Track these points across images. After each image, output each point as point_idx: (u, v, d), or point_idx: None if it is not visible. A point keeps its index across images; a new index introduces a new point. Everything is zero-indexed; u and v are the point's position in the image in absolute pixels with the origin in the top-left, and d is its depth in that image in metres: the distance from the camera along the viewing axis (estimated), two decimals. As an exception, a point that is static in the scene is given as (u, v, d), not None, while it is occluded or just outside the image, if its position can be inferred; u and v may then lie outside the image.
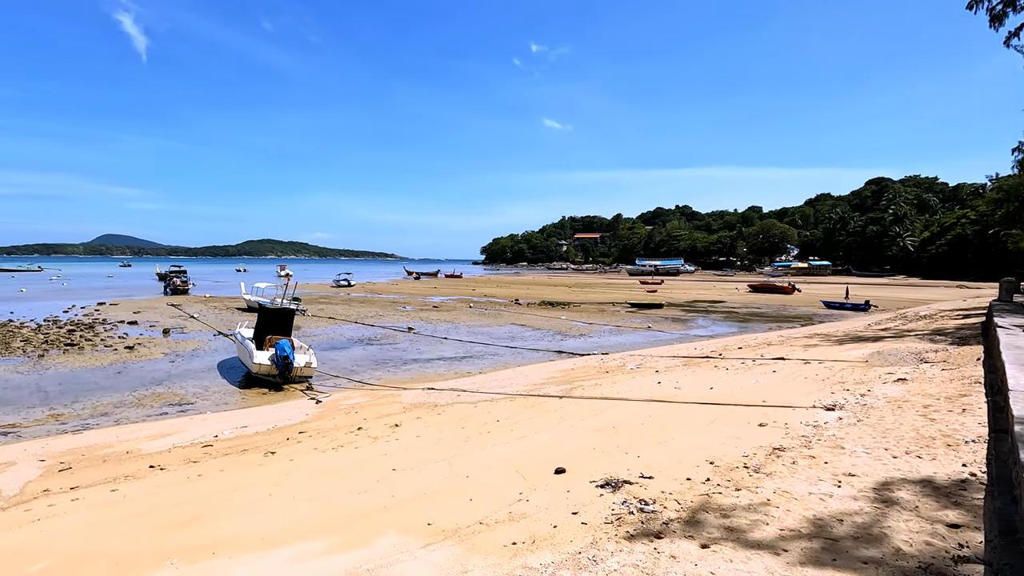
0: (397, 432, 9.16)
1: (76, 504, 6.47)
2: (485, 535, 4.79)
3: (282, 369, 14.10)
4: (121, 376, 15.50)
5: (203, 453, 8.55)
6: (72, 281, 67.72)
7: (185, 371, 16.27)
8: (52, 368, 16.33)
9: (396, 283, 72.29)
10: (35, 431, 10.69)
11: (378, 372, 16.33)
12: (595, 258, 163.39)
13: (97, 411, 12.13)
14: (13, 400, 12.85)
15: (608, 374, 14.01)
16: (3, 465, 8.28)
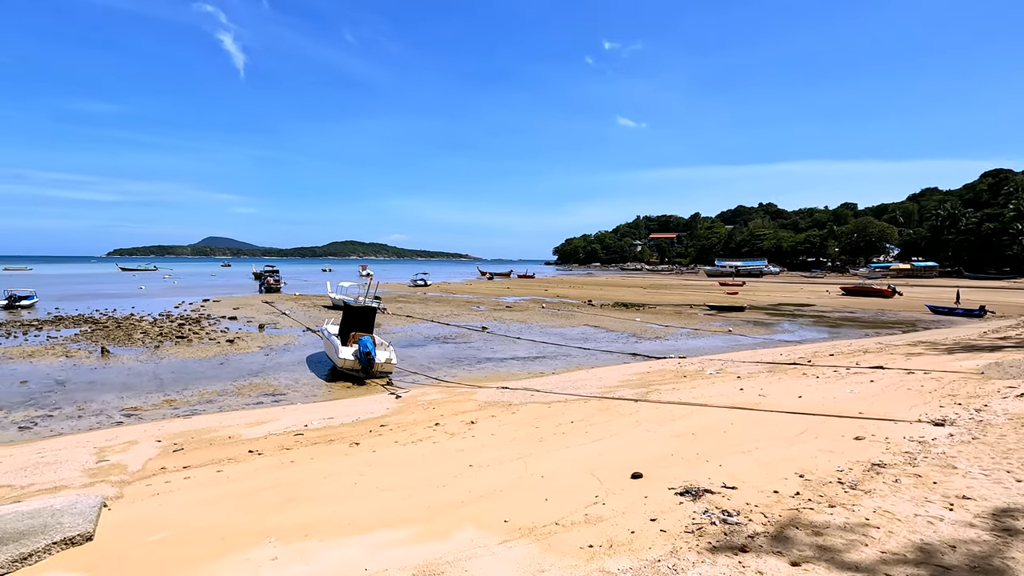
0: (473, 429, 9.36)
1: (188, 482, 7.13)
2: (561, 536, 4.79)
3: (364, 364, 14.79)
4: (223, 367, 16.89)
5: (295, 441, 9.15)
6: (181, 279, 74.66)
7: (278, 364, 17.46)
8: (166, 358, 18.08)
9: (470, 283, 73.74)
10: (153, 414, 11.88)
11: (453, 370, 16.74)
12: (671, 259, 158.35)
13: (203, 398, 13.29)
14: (135, 386, 14.35)
15: (686, 379, 13.56)
16: (128, 443, 9.28)
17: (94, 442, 9.51)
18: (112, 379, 15.08)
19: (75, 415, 11.78)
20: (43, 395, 13.29)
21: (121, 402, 12.79)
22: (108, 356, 18.12)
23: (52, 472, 7.82)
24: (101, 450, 8.90)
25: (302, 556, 4.70)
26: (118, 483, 7.20)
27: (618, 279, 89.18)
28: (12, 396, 13.15)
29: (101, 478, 7.46)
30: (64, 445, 9.39)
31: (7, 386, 14.06)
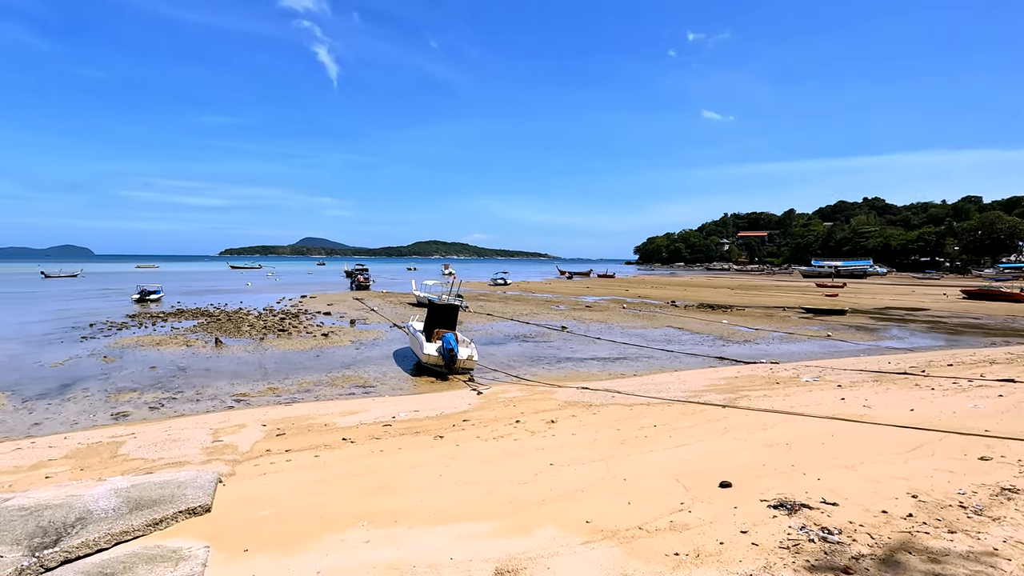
0: (553, 428, 9.38)
1: (289, 464, 7.71)
2: (645, 541, 4.70)
3: (447, 360, 15.25)
4: (319, 359, 18.07)
5: (384, 431, 9.61)
6: (282, 277, 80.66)
7: (367, 358, 18.41)
8: (269, 349, 19.62)
9: (549, 282, 73.80)
10: (258, 400, 12.94)
11: (533, 368, 16.85)
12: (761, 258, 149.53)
13: (302, 388, 14.29)
14: (243, 374, 15.71)
15: (779, 385, 12.79)
16: (238, 426, 10.17)
17: (210, 424, 10.51)
18: (224, 367, 16.59)
19: (194, 398, 13.08)
20: (168, 379, 14.88)
21: (232, 388, 14.04)
22: (221, 346, 19.95)
23: (177, 449, 8.74)
24: (216, 431, 9.83)
25: (392, 541, 4.94)
26: (231, 462, 7.91)
27: (703, 279, 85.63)
28: (144, 379, 14.84)
29: (216, 456, 8.24)
30: (186, 425, 10.46)
31: (140, 370, 15.88)
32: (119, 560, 4.53)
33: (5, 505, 5.66)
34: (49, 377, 15.06)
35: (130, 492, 5.98)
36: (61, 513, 5.36)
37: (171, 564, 4.42)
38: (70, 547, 4.69)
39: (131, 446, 8.97)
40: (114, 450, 8.76)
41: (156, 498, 5.82)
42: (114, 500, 5.71)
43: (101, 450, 8.78)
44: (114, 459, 8.29)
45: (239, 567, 4.54)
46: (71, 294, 45.62)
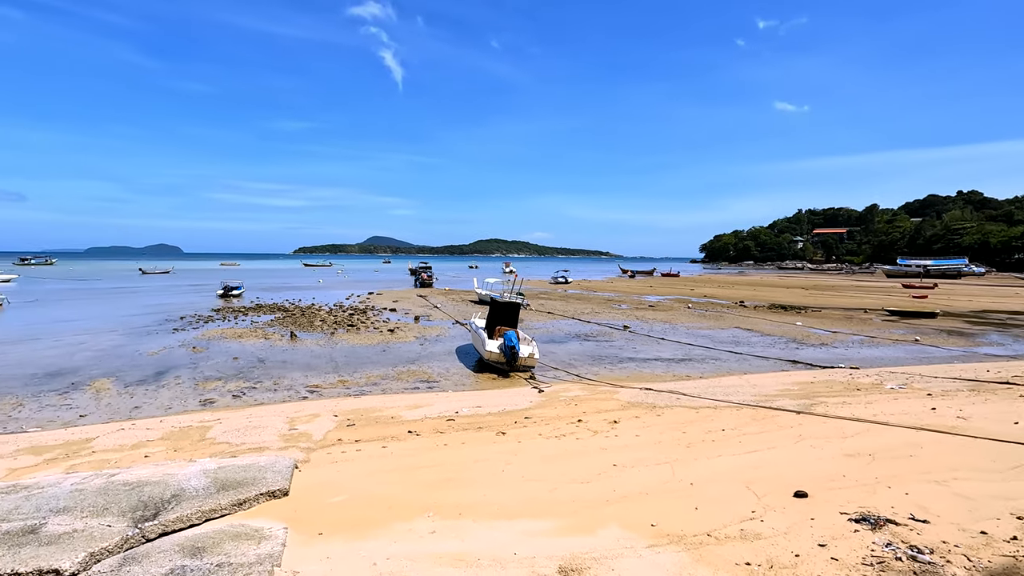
0: (616, 429, 9.25)
1: (359, 454, 8.03)
2: (714, 548, 4.55)
3: (509, 358, 15.37)
4: (385, 354, 18.70)
5: (447, 426, 9.82)
6: (350, 275, 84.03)
7: (431, 353, 18.87)
8: (339, 344, 20.50)
9: (611, 281, 72.73)
10: (330, 392, 13.56)
11: (595, 368, 16.68)
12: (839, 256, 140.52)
13: (370, 381, 14.84)
14: (316, 366, 16.50)
15: (859, 392, 12.01)
16: (312, 416, 10.71)
17: (286, 413, 11.12)
18: (298, 360, 17.50)
19: (272, 388, 13.88)
20: (249, 370, 15.87)
21: (306, 380, 14.79)
22: (295, 340, 21.05)
23: (257, 435, 9.32)
24: (292, 420, 10.39)
25: (457, 533, 5.05)
26: (305, 449, 8.34)
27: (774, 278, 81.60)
28: (227, 369, 15.90)
29: (292, 443, 8.71)
30: (265, 413, 11.12)
31: (224, 360, 17.03)
32: (208, 536, 4.89)
33: (111, 480, 6.24)
34: (146, 365, 16.45)
35: (217, 473, 6.44)
36: (159, 490, 5.84)
37: (254, 542, 4.72)
38: (167, 521, 5.11)
39: (217, 431, 9.64)
40: (203, 434, 9.46)
41: (240, 480, 6.23)
42: (204, 480, 6.17)
43: (191, 433, 9.50)
44: (203, 442, 8.94)
45: (314, 549, 4.78)
46: (164, 289, 49.59)
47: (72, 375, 15.04)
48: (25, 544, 4.52)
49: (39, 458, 8.30)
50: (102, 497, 5.64)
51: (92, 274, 78.37)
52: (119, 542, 4.64)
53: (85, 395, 13.03)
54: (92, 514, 5.18)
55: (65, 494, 5.76)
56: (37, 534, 4.74)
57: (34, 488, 6.01)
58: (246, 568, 4.10)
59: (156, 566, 4.19)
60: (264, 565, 4.16)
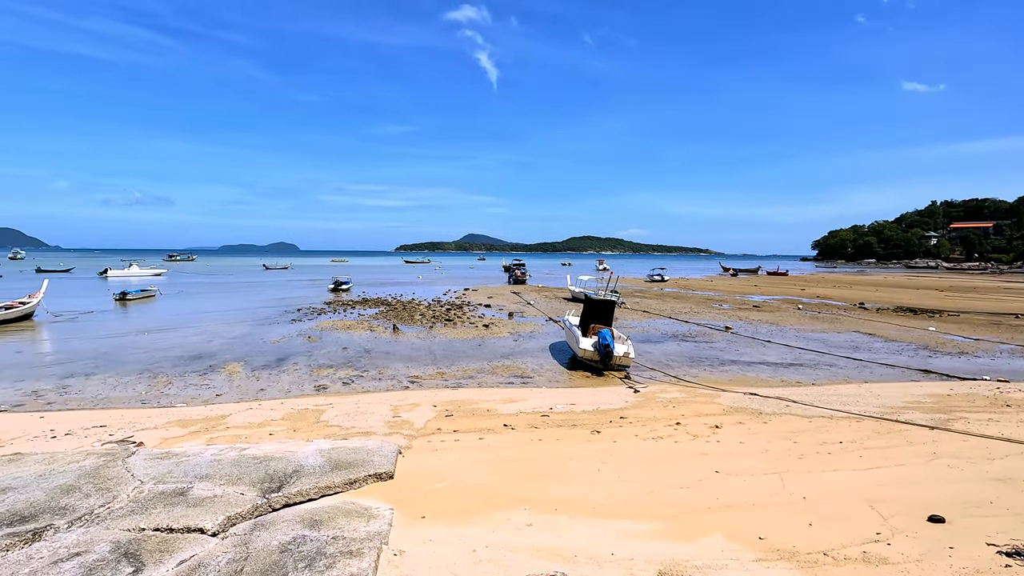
0: (718, 434, 8.82)
1: (457, 444, 8.32)
2: (831, 569, 4.20)
3: (603, 356, 15.16)
4: (481, 348, 19.18)
5: (542, 421, 9.89)
6: (448, 271, 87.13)
7: (525, 349, 19.08)
8: (437, 337, 21.34)
9: (711, 280, 69.33)
10: (429, 383, 14.16)
11: (693, 369, 16.00)
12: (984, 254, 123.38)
13: (466, 374, 15.30)
14: (416, 358, 17.30)
15: (1010, 408, 10.50)
16: (413, 405, 11.25)
17: (390, 401, 11.77)
18: (400, 351, 18.44)
19: (377, 377, 14.75)
20: (357, 359, 16.98)
21: (407, 370, 15.55)
22: (398, 332, 22.21)
23: (364, 420, 9.95)
24: (395, 408, 10.97)
25: (553, 528, 5.08)
26: (408, 436, 8.78)
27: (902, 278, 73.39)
28: (337, 358, 17.12)
29: (396, 430, 9.20)
30: (371, 400, 11.84)
31: (335, 350, 18.36)
32: (324, 510, 5.29)
33: (243, 454, 6.96)
34: (269, 352, 18.14)
35: (331, 454, 6.97)
36: (282, 465, 6.43)
37: (364, 520, 5.04)
38: (289, 494, 5.61)
39: (330, 414, 10.42)
40: (317, 416, 10.26)
41: (350, 461, 6.69)
42: (319, 459, 6.70)
43: (308, 415, 10.34)
44: (317, 424, 9.71)
45: (417, 530, 5.02)
46: (283, 283, 54.39)
47: (210, 359, 16.94)
48: (176, 504, 5.17)
49: (185, 430, 9.44)
50: (236, 468, 6.30)
51: (224, 269, 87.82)
52: (250, 509, 5.16)
53: (220, 377, 14.62)
54: (228, 482, 5.81)
55: (206, 463, 6.51)
56: (185, 496, 5.40)
57: (182, 456, 6.85)
58: (358, 543, 4.39)
59: (281, 533, 4.62)
60: (373, 542, 4.43)
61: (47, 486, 5.65)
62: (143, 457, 6.81)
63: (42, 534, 4.49)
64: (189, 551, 4.26)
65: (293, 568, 3.90)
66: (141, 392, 13.02)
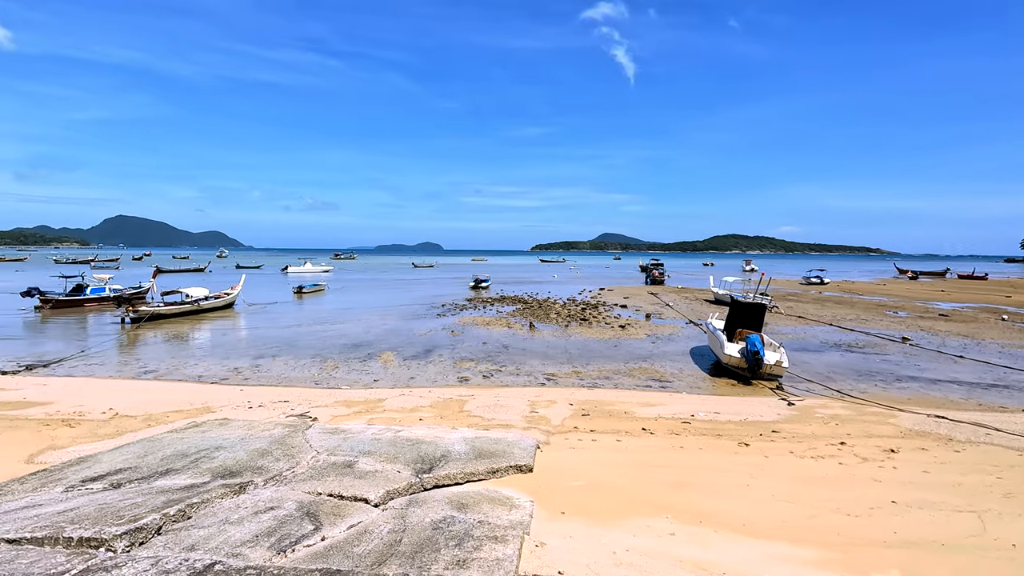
0: (894, 459, 7.72)
1: (594, 444, 8.28)
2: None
3: (751, 363, 14.05)
4: (616, 349, 18.87)
5: (683, 428, 9.46)
6: (582, 270, 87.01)
7: (663, 352, 18.38)
8: (573, 336, 21.41)
9: (883, 283, 60.77)
10: (565, 381, 14.27)
11: (861, 384, 14.16)
12: None
13: (601, 374, 15.16)
14: (552, 356, 17.54)
15: None
16: (549, 402, 11.42)
17: (527, 396, 12.08)
18: (536, 348, 18.82)
19: (515, 372, 15.22)
20: (495, 354, 17.68)
21: (543, 368, 15.83)
22: (534, 330, 22.70)
23: (503, 413, 10.33)
24: (532, 403, 11.23)
25: (698, 541, 4.83)
26: (545, 432, 8.94)
27: None
28: (478, 352, 17.97)
29: (534, 425, 9.42)
30: (509, 395, 12.25)
31: (475, 344, 19.30)
32: (469, 495, 5.60)
33: (398, 435, 7.61)
34: (418, 343, 19.62)
35: (474, 442, 7.34)
36: (431, 449, 6.92)
37: (506, 508, 5.24)
38: (438, 476, 6.02)
39: (472, 405, 10.98)
40: (461, 406, 10.88)
41: (492, 451, 6.99)
42: (464, 447, 7.09)
43: (452, 405, 11.01)
44: (461, 413, 10.29)
45: (557, 525, 5.09)
46: (430, 281, 58.45)
47: (368, 347, 18.79)
48: (345, 475, 5.82)
49: (349, 410, 10.59)
50: (392, 447, 6.92)
51: (379, 267, 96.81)
52: (406, 486, 5.63)
53: (377, 364, 16.15)
54: (386, 460, 6.40)
55: (368, 441, 7.24)
56: (352, 468, 6.05)
57: (348, 433, 7.69)
58: (502, 530, 4.58)
59: (432, 512, 4.97)
60: (516, 531, 4.59)
61: (247, 448, 6.70)
62: (318, 431, 7.77)
63: (246, 488, 5.34)
64: (356, 517, 4.77)
65: (444, 545, 4.19)
66: (314, 374, 14.86)
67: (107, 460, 6.38)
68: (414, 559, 3.93)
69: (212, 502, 4.91)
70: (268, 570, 3.48)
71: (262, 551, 3.99)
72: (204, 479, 5.54)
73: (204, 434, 7.57)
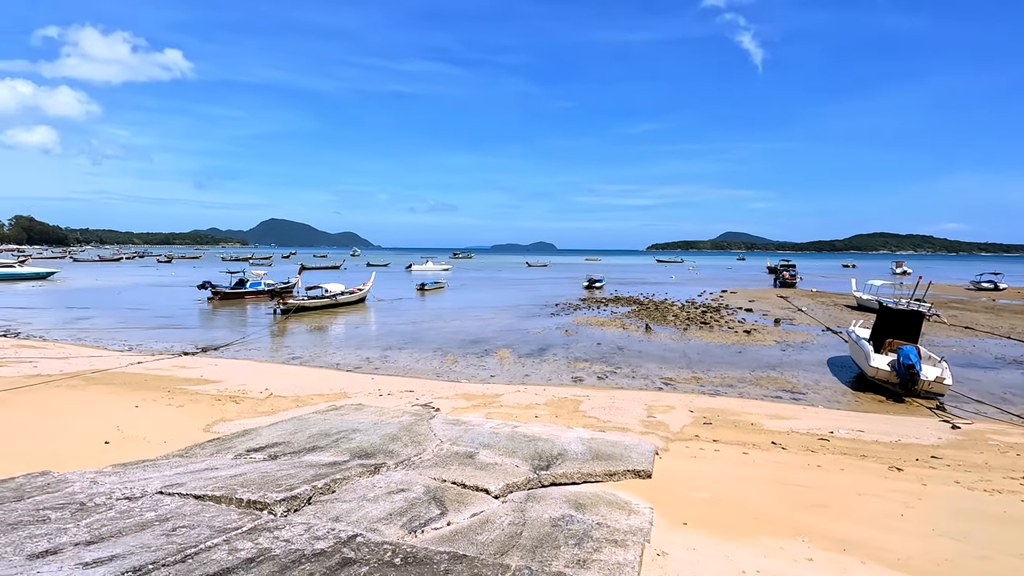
0: (1098, 502, 6.41)
1: (718, 454, 7.85)
2: None
3: (904, 378, 12.44)
4: (740, 355, 17.70)
5: (819, 445, 8.64)
6: (702, 271, 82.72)
7: (795, 361, 16.91)
8: (692, 340, 20.45)
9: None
10: (683, 387, 13.67)
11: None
12: None
13: (724, 381, 14.31)
14: (669, 359, 16.90)
15: None
16: (667, 407, 11.02)
17: (643, 400, 11.75)
18: (653, 351, 18.24)
19: (629, 375, 14.88)
20: (610, 355, 17.42)
21: (660, 371, 15.30)
22: (650, 332, 22.02)
23: (619, 415, 10.15)
24: (649, 408, 10.91)
25: (841, 570, 4.39)
26: (664, 438, 8.64)
27: None
28: (592, 353, 17.83)
29: (651, 430, 9.15)
30: (625, 397, 12.01)
31: (589, 345, 19.16)
32: (586, 495, 5.57)
33: (515, 431, 7.79)
34: (532, 341, 19.91)
35: (590, 443, 7.29)
36: (548, 446, 6.99)
37: (625, 513, 5.14)
38: (555, 474, 6.06)
39: (587, 406, 10.93)
40: (576, 406, 10.87)
41: (609, 453, 6.90)
42: (581, 447, 7.07)
43: (567, 404, 11.04)
44: (576, 413, 10.28)
45: (678, 535, 4.90)
46: (543, 280, 59.06)
47: (484, 343, 19.44)
48: (467, 465, 6.08)
49: (468, 403, 11.03)
50: (510, 442, 7.10)
51: (495, 266, 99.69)
52: (524, 481, 5.75)
53: (493, 360, 16.66)
54: (505, 454, 6.57)
55: (487, 434, 7.49)
56: (473, 459, 6.30)
57: (469, 425, 8.02)
58: (621, 534, 4.50)
59: (551, 509, 5.02)
60: (636, 536, 4.49)
61: (379, 432, 7.26)
62: (441, 421, 8.19)
63: (379, 469, 5.79)
64: (478, 507, 4.96)
65: (564, 543, 4.21)
66: (436, 367, 15.68)
67: (266, 434, 7.25)
68: (535, 553, 4.01)
69: (352, 479, 5.38)
70: (402, 547, 3.74)
71: (395, 529, 4.30)
72: (344, 458, 6.09)
73: (342, 417, 8.32)
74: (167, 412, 9.74)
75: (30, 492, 4.67)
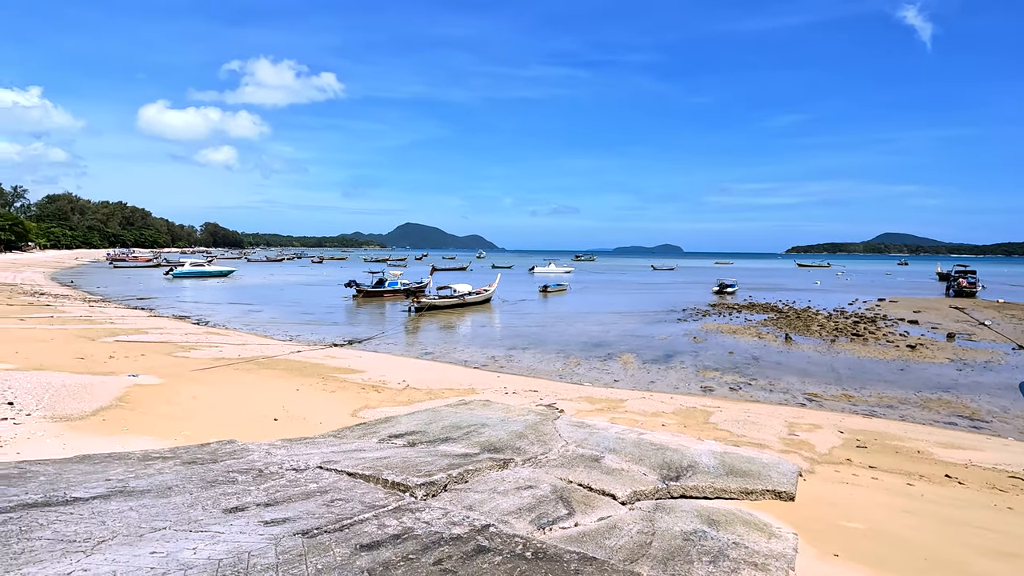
0: None
1: (875, 483, 6.98)
2: None
3: None
4: (903, 373, 15.57)
5: (1010, 484, 7.32)
6: (853, 277, 74.07)
7: (976, 383, 14.49)
8: (841, 353, 18.40)
9: None
10: (831, 404, 12.36)
11: None
12: None
13: (882, 401, 12.69)
14: (813, 373, 15.37)
15: None
16: (812, 426, 10.03)
17: (784, 416, 10.82)
18: (793, 363, 16.72)
19: (767, 388, 13.78)
20: (743, 366, 16.27)
21: (803, 386, 13.98)
22: (790, 343, 20.20)
23: (755, 431, 9.45)
24: (790, 425, 10.02)
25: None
26: (808, 459, 7.89)
27: None
28: (723, 362, 16.79)
29: (793, 449, 8.40)
30: (761, 411, 11.15)
31: (720, 353, 18.07)
32: (720, 512, 5.27)
33: (641, 438, 7.60)
34: (657, 347, 19.25)
35: (723, 457, 6.89)
36: (677, 456, 6.73)
37: (764, 535, 4.79)
38: (686, 486, 5.82)
39: (717, 418, 10.32)
40: (705, 417, 10.32)
41: (744, 470, 6.46)
42: (713, 460, 6.71)
43: (696, 414, 10.52)
44: (706, 424, 9.76)
45: (828, 567, 4.46)
46: (669, 284, 56.82)
47: (607, 347, 19.18)
48: (593, 468, 6.06)
49: (592, 406, 10.97)
50: (636, 449, 6.94)
51: (618, 268, 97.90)
52: (652, 490, 5.60)
53: (616, 365, 16.38)
54: (631, 461, 6.45)
55: (612, 439, 7.40)
56: (599, 463, 6.27)
57: (593, 428, 7.98)
58: (762, 557, 4.20)
59: (681, 522, 4.84)
60: (779, 562, 4.16)
61: (507, 429, 7.49)
62: (565, 422, 8.25)
63: (508, 464, 5.98)
64: (605, 511, 4.93)
65: (697, 559, 4.04)
66: (559, 368, 15.81)
67: (404, 422, 7.84)
68: (666, 565, 3.89)
69: (482, 471, 5.63)
70: (532, 542, 3.84)
71: (525, 523, 4.42)
72: (475, 450, 6.39)
73: (471, 411, 8.72)
74: (322, 396, 10.92)
75: (221, 457, 5.51)
